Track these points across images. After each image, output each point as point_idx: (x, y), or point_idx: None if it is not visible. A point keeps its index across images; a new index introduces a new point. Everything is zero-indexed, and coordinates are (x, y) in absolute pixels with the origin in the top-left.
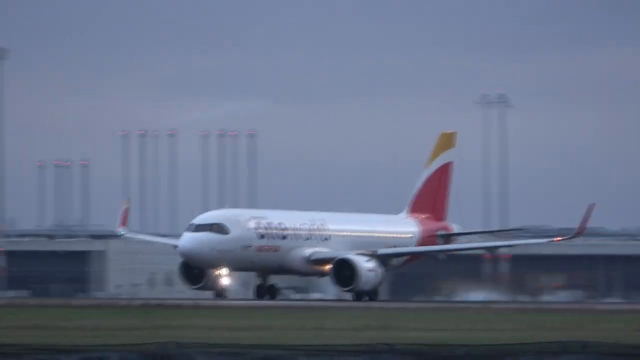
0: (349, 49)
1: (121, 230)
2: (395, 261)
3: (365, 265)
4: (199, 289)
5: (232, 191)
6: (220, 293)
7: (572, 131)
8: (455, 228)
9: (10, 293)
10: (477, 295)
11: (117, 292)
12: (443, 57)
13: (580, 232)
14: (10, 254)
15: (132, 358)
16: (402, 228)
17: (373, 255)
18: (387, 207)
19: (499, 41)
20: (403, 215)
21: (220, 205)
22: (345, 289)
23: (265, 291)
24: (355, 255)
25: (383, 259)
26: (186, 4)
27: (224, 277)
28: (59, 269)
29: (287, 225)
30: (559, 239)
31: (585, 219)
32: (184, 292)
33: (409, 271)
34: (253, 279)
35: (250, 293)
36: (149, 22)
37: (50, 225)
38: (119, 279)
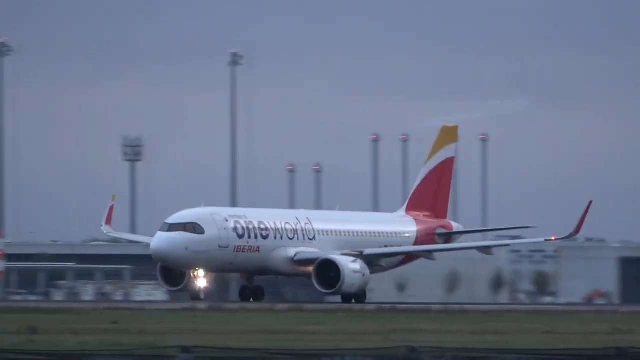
0: None
1: (104, 229)
2: (385, 262)
3: (351, 266)
4: (178, 291)
5: None
6: (196, 295)
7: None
8: (456, 227)
9: None
10: None
11: None
12: None
13: (577, 231)
14: None
15: None
16: (396, 227)
17: (359, 256)
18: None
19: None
20: (400, 213)
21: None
22: (328, 291)
23: (250, 293)
24: (340, 255)
25: (370, 260)
26: None
27: (200, 279)
28: None
29: (269, 224)
30: (555, 238)
31: (582, 218)
32: None
33: None
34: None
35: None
36: None
37: None
38: None
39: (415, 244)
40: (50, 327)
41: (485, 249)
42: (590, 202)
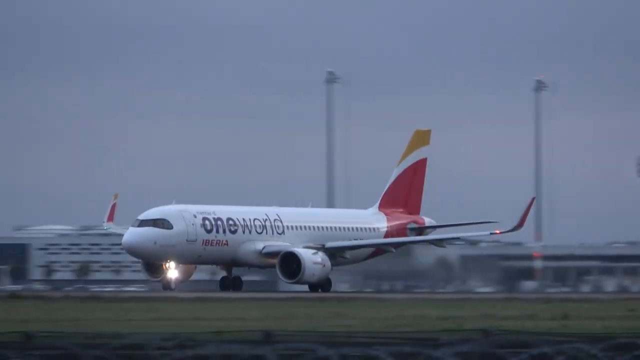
0: None
1: (106, 225)
2: (350, 254)
3: (311, 257)
4: (159, 281)
5: None
6: (168, 285)
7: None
8: (428, 222)
9: None
10: None
11: None
12: None
13: (520, 225)
14: None
15: None
16: (366, 223)
17: (321, 248)
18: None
19: None
20: (373, 210)
21: None
22: (291, 280)
23: (230, 283)
24: (302, 248)
25: (333, 252)
26: None
27: (171, 270)
28: None
29: (237, 220)
30: (499, 231)
31: (525, 213)
32: None
33: None
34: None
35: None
36: None
37: None
38: None
39: (386, 237)
40: (579, 314)
41: (438, 242)
42: (533, 198)
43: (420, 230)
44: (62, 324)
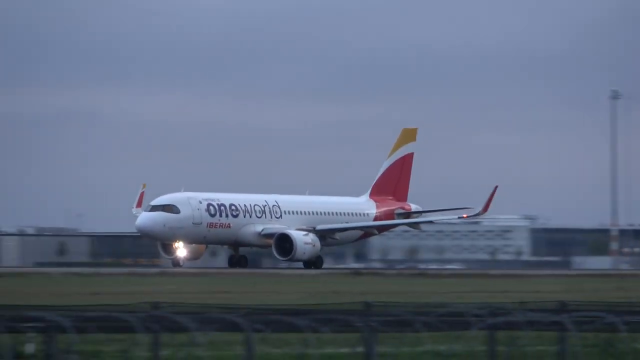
0: None
1: (134, 210)
2: (339, 236)
3: (302, 238)
4: (171, 259)
5: None
6: (177, 262)
7: None
8: (415, 208)
9: None
10: None
11: None
12: None
13: (484, 210)
14: None
15: None
16: (356, 209)
17: (311, 230)
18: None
19: None
20: (364, 197)
21: None
22: (284, 258)
23: (236, 261)
24: (294, 230)
25: (323, 234)
26: None
27: (179, 249)
28: None
29: (239, 205)
30: (466, 215)
31: (489, 200)
32: None
33: None
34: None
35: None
36: None
37: None
38: None
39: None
40: None
41: (414, 225)
42: (496, 187)
43: (407, 215)
44: (395, 295)
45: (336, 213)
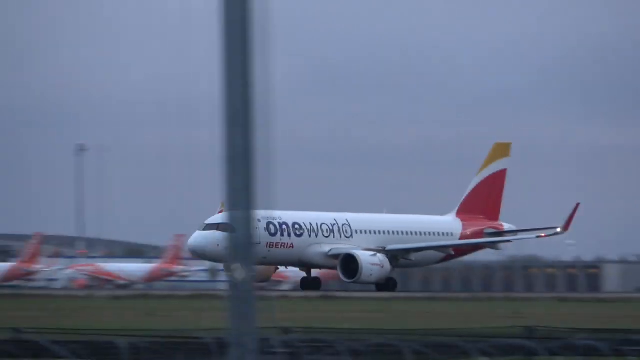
0: None
1: None
2: (416, 257)
3: (369, 259)
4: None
5: None
6: None
7: None
8: (508, 227)
9: None
10: None
11: None
12: None
13: (566, 228)
14: None
15: None
16: (438, 228)
17: (380, 251)
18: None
19: None
20: (450, 216)
21: None
22: (349, 280)
23: (309, 283)
24: (361, 250)
25: (395, 254)
26: None
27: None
28: None
29: (303, 224)
30: (544, 234)
31: (571, 217)
32: None
33: None
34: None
35: None
36: None
37: None
38: None
39: None
40: None
41: (494, 245)
42: (578, 204)
43: (499, 234)
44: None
45: (414, 233)
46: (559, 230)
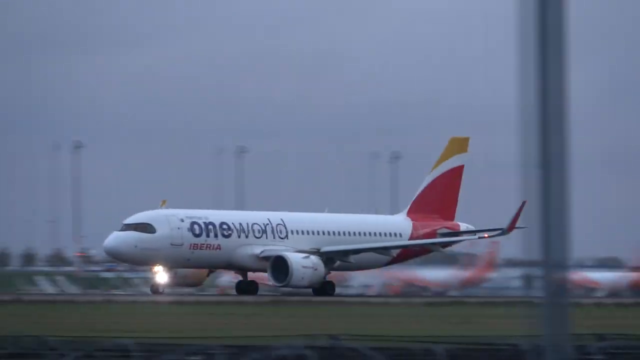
0: None
1: None
2: (355, 258)
3: (301, 262)
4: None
5: None
6: (156, 289)
7: None
8: (464, 227)
9: None
10: None
11: None
12: None
13: (510, 230)
14: None
15: None
16: (386, 228)
17: (314, 253)
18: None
19: None
20: (401, 216)
21: None
22: (279, 284)
23: (245, 287)
24: (293, 252)
25: (330, 256)
26: None
27: (158, 274)
28: None
29: (232, 224)
30: (487, 235)
31: (516, 216)
32: None
33: None
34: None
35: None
36: None
37: None
38: None
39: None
40: None
41: (443, 245)
42: (524, 202)
43: (453, 235)
44: None
45: (357, 233)
46: (501, 230)
